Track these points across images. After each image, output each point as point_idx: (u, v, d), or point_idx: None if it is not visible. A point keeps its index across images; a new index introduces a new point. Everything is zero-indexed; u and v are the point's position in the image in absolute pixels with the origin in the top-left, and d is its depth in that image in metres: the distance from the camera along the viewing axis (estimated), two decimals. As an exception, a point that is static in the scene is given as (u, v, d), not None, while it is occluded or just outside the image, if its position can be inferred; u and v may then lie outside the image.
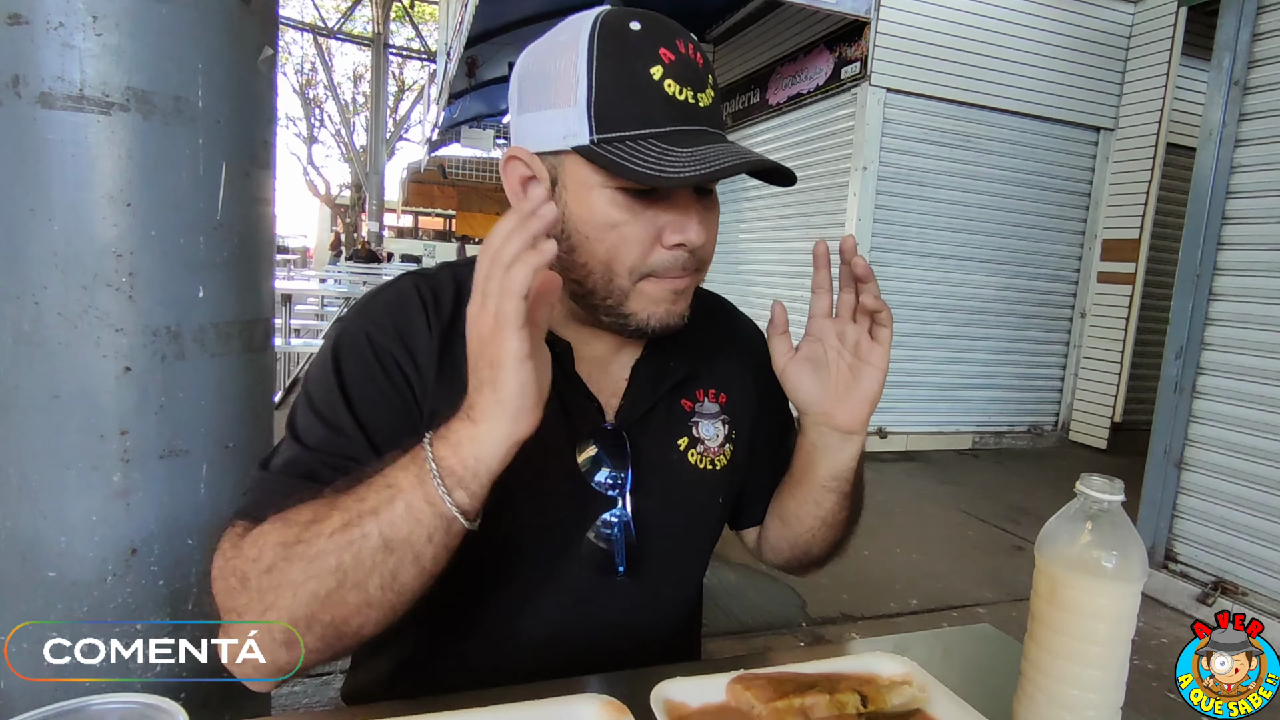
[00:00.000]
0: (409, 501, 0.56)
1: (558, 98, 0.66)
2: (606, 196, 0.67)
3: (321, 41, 19.18)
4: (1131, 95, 5.44)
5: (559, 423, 0.74)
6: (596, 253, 0.68)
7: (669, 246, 0.68)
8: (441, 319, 0.73)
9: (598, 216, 0.67)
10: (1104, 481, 0.60)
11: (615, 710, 0.59)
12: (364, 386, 0.69)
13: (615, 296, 0.70)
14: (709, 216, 0.71)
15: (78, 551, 1.06)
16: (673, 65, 0.64)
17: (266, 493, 0.65)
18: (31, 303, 1.02)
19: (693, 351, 0.83)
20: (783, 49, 6.00)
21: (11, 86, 1.00)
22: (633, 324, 0.71)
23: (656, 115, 0.64)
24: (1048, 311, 5.75)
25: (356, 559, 0.56)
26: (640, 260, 0.68)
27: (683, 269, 0.70)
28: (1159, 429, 3.13)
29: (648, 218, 0.67)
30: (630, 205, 0.67)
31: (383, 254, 15.60)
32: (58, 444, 1.04)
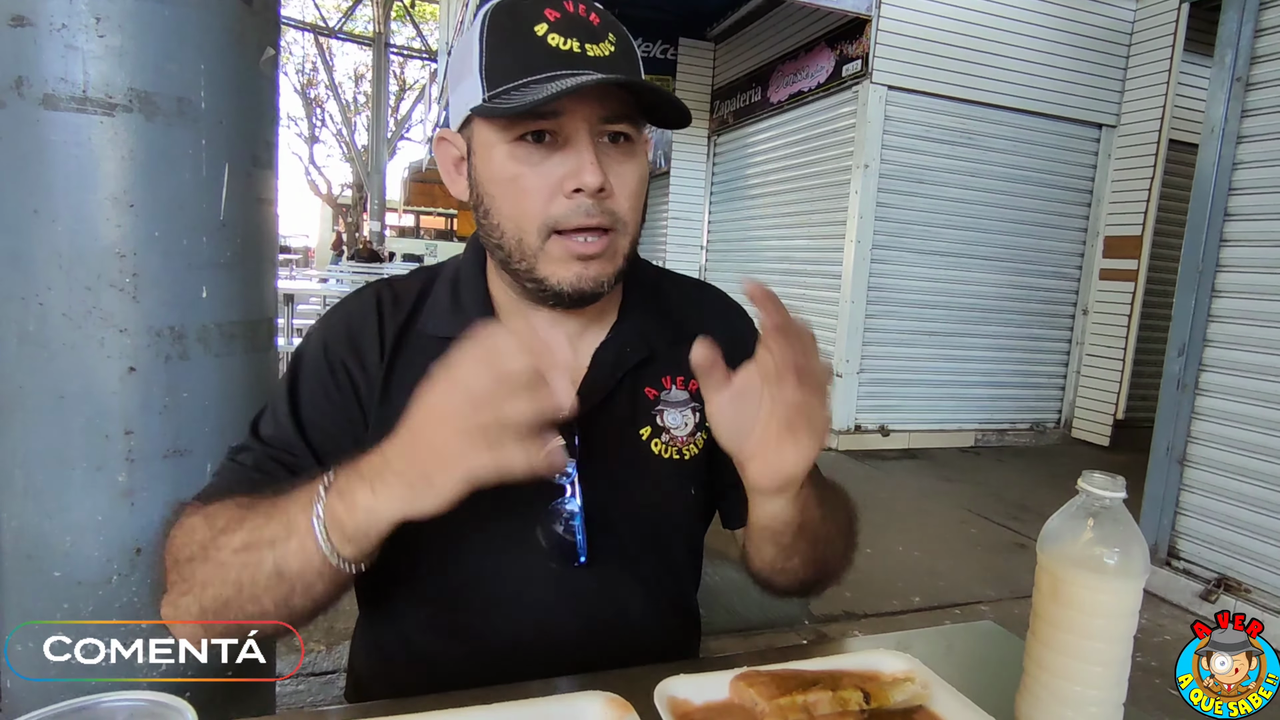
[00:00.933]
0: (302, 543, 0.58)
1: (463, 73, 0.71)
2: (505, 151, 0.68)
3: (323, 41, 19.19)
4: (1133, 92, 5.43)
5: None
6: (504, 210, 0.70)
7: (568, 195, 0.68)
8: (397, 321, 0.77)
9: (499, 173, 0.69)
10: (1105, 478, 0.60)
11: (619, 707, 0.59)
12: (314, 393, 0.75)
13: (528, 259, 0.70)
14: (617, 167, 0.69)
15: (83, 551, 1.06)
16: (558, 22, 0.67)
17: (220, 477, 0.73)
18: (36, 304, 1.02)
19: (657, 337, 0.82)
20: (784, 47, 6.00)
21: (15, 88, 1.00)
22: (549, 288, 0.71)
23: (537, 64, 0.66)
24: (1050, 309, 5.75)
25: (253, 579, 0.60)
26: (543, 212, 0.68)
27: (586, 216, 0.68)
28: (1161, 426, 3.13)
29: (546, 168, 0.68)
30: (527, 157, 0.68)
31: (384, 253, 15.60)
32: (62, 444, 1.05)
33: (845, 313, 5.17)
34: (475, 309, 0.77)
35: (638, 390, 0.80)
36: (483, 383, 0.52)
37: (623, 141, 0.71)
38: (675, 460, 0.81)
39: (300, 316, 6.85)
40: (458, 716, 0.58)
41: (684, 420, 0.81)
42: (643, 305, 0.83)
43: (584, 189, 0.67)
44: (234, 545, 0.60)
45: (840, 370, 5.22)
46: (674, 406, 0.81)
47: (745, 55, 6.64)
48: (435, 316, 0.78)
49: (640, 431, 0.80)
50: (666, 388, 0.82)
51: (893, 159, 5.09)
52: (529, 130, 0.67)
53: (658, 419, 0.80)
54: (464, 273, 0.81)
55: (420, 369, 0.72)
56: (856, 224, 5.06)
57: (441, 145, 0.76)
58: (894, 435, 5.38)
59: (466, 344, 0.53)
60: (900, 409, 5.44)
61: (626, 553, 0.79)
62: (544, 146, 0.68)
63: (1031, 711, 0.64)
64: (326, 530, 0.57)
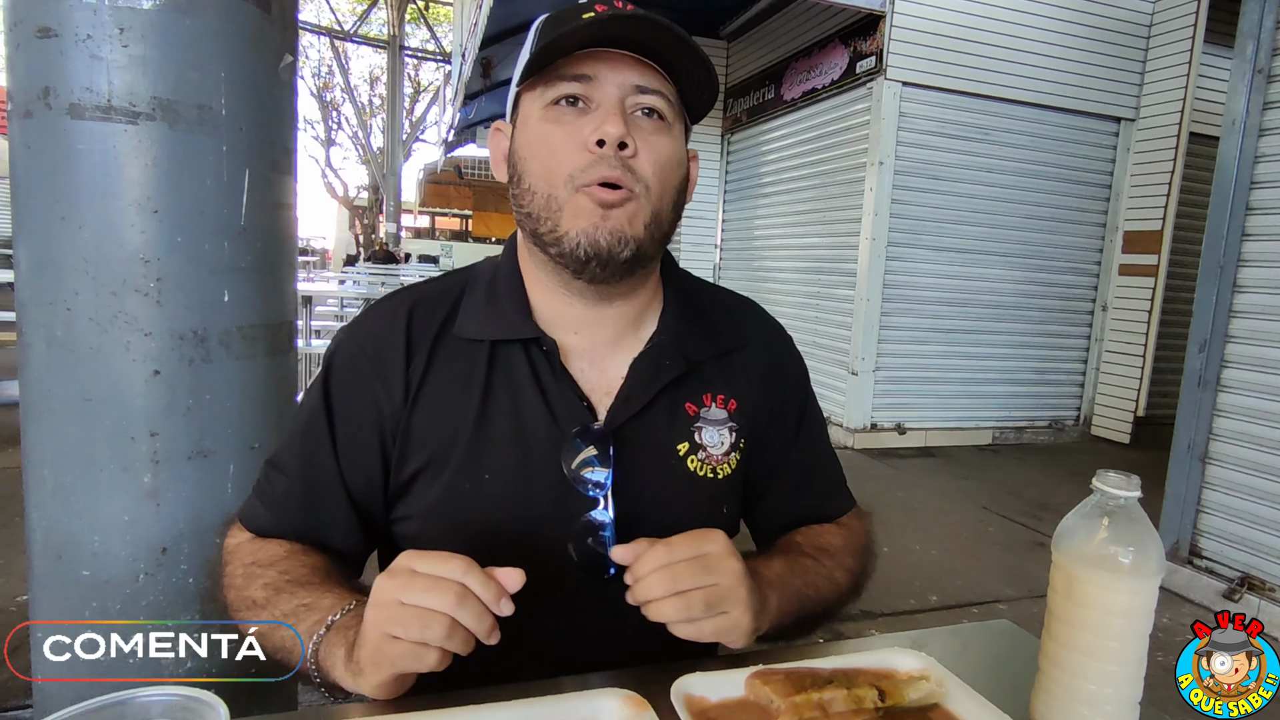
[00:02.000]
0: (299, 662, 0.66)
1: (519, 62, 0.73)
2: (539, 114, 0.71)
3: (338, 44, 19.34)
4: (1153, 85, 5.36)
5: (543, 420, 0.75)
6: (534, 170, 0.72)
7: (591, 148, 0.69)
8: (429, 329, 0.77)
9: (533, 135, 0.72)
10: (1120, 477, 0.60)
11: (636, 704, 0.60)
12: (345, 408, 0.76)
13: (553, 215, 0.71)
14: (646, 135, 0.71)
15: (111, 551, 1.09)
16: (605, 11, 0.69)
17: (258, 502, 0.78)
18: (64, 309, 1.04)
19: (698, 350, 0.81)
20: (797, 44, 5.98)
21: (42, 98, 1.02)
22: (567, 245, 0.70)
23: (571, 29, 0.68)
24: (1068, 305, 5.69)
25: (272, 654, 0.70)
26: (571, 165, 0.69)
27: (609, 169, 0.68)
28: (1182, 423, 3.09)
29: (575, 126, 0.70)
30: (559, 117, 0.70)
31: (400, 254, 15.71)
32: (90, 446, 1.07)
33: (860, 310, 5.15)
34: (513, 311, 0.77)
35: (677, 405, 0.79)
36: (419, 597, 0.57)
37: (655, 117, 0.72)
38: (710, 479, 0.80)
39: (318, 318, 6.92)
40: (478, 713, 0.59)
41: (721, 439, 0.81)
42: (682, 316, 0.82)
43: (606, 140, 0.68)
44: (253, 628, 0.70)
45: (856, 368, 5.20)
46: (713, 424, 0.81)
47: (758, 53, 6.63)
48: (470, 319, 0.78)
49: (678, 447, 0.79)
50: (707, 405, 0.81)
51: (908, 155, 5.06)
52: (563, 95, 0.70)
53: (696, 435, 0.80)
54: (501, 274, 0.80)
55: (455, 374, 0.75)
56: (871, 221, 5.03)
57: (495, 136, 0.79)
58: (910, 434, 5.35)
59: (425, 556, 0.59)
60: (916, 407, 5.41)
61: None
62: (576, 109, 0.70)
63: (1047, 710, 0.64)
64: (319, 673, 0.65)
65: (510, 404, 0.75)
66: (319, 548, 0.76)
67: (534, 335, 0.76)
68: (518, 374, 0.76)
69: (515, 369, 0.76)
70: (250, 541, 0.77)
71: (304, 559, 0.74)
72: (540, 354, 0.76)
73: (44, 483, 1.09)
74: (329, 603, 0.67)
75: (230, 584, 0.74)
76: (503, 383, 0.75)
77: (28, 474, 1.11)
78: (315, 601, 0.68)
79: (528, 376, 0.75)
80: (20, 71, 1.05)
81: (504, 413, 0.75)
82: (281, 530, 0.76)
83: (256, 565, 0.73)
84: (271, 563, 0.73)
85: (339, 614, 0.65)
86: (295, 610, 0.68)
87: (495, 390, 0.75)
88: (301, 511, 0.76)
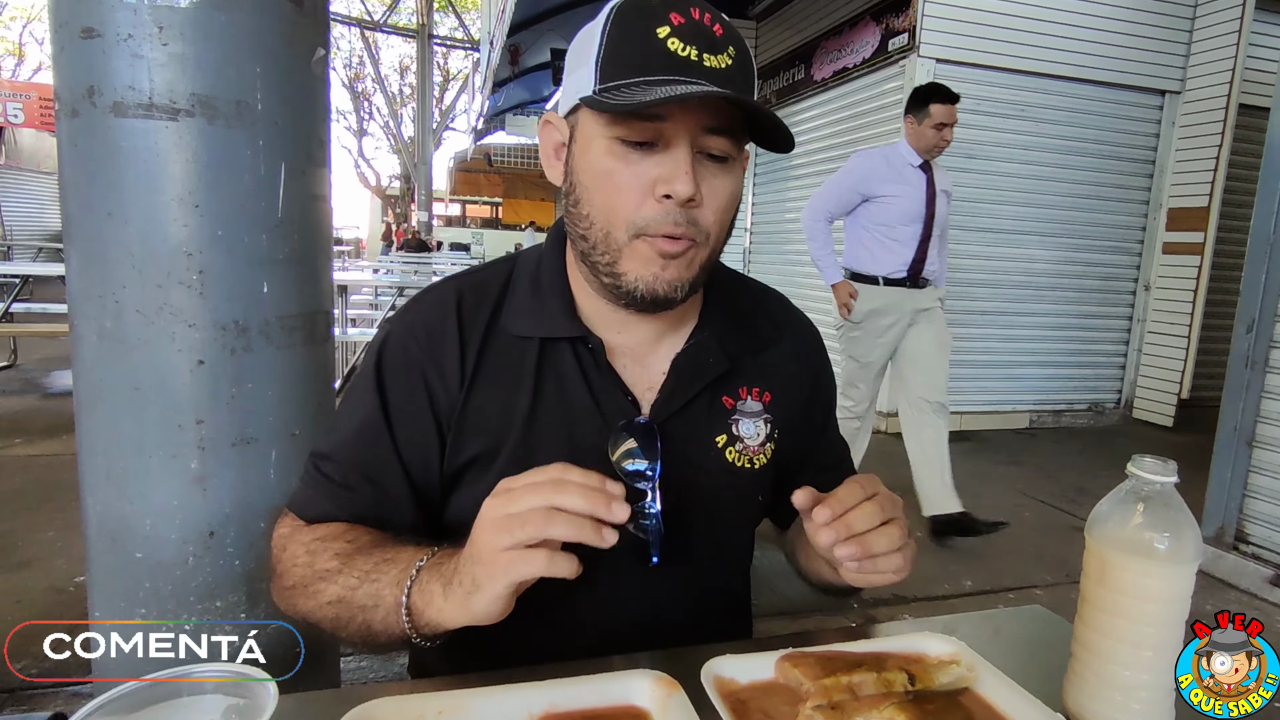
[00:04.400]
0: (386, 616, 0.65)
1: (580, 61, 0.71)
2: (604, 146, 0.69)
3: (368, 35, 19.49)
4: (1200, 55, 5.16)
5: (591, 416, 0.76)
6: (595, 202, 0.71)
7: (658, 199, 0.68)
8: (479, 321, 0.78)
9: (596, 165, 0.70)
10: (1156, 462, 0.59)
11: (667, 685, 0.61)
12: (399, 398, 0.77)
13: (612, 253, 0.71)
14: (711, 179, 0.70)
15: (161, 534, 1.13)
16: (681, 27, 0.66)
17: (312, 490, 0.78)
18: (113, 301, 1.08)
19: (737, 347, 0.83)
20: (827, 23, 5.87)
21: (88, 97, 1.06)
22: (624, 285, 0.71)
23: (653, 65, 0.65)
24: (1109, 285, 5.54)
25: (345, 625, 0.68)
26: (634, 211, 0.69)
27: (674, 225, 0.68)
28: (1229, 405, 3.01)
29: (641, 168, 0.68)
30: (625, 154, 0.68)
31: (433, 243, 15.86)
32: (140, 434, 1.11)
33: (893, 293, 5.07)
34: (559, 309, 0.78)
35: (715, 399, 0.81)
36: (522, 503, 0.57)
37: (719, 160, 0.71)
38: (748, 469, 0.82)
39: (354, 307, 7.03)
40: (511, 692, 0.61)
41: (757, 430, 0.83)
42: (722, 312, 0.84)
43: (674, 196, 0.67)
44: (328, 596, 0.68)
45: (888, 352, 5.13)
46: (749, 417, 0.83)
47: (788, 33, 6.53)
48: (518, 315, 0.78)
49: (716, 439, 0.81)
50: (743, 398, 0.83)
51: (942, 134, 4.95)
52: (632, 140, 0.68)
53: (733, 428, 0.82)
54: (545, 269, 0.81)
55: (505, 368, 0.77)
56: (904, 202, 4.94)
57: (546, 128, 0.77)
58: (945, 417, 5.28)
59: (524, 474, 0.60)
60: (952, 390, 5.29)
61: (694, 554, 0.81)
62: (643, 148, 0.68)
63: (1079, 696, 0.64)
64: (410, 616, 0.64)
65: (559, 400, 0.77)
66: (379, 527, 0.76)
67: (580, 334, 0.77)
68: (566, 371, 0.77)
69: (563, 366, 0.77)
70: (307, 526, 0.77)
71: (367, 531, 0.74)
72: (586, 351, 0.78)
73: (98, 469, 1.13)
74: (409, 553, 0.67)
75: (293, 564, 0.73)
76: (552, 379, 0.77)
77: (82, 460, 1.15)
78: (395, 556, 0.68)
79: (575, 373, 0.77)
80: (66, 72, 1.08)
81: (553, 408, 0.76)
82: (340, 513, 0.76)
83: (321, 540, 0.73)
84: (337, 535, 0.73)
85: (424, 559, 0.65)
86: (376, 566, 0.67)
87: (545, 386, 0.77)
88: (360, 493, 0.76)
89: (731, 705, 0.60)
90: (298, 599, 0.72)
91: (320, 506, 0.77)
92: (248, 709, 0.50)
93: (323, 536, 0.74)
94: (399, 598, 0.64)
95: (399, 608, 0.64)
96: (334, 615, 0.68)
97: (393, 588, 0.65)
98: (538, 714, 0.59)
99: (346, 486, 0.76)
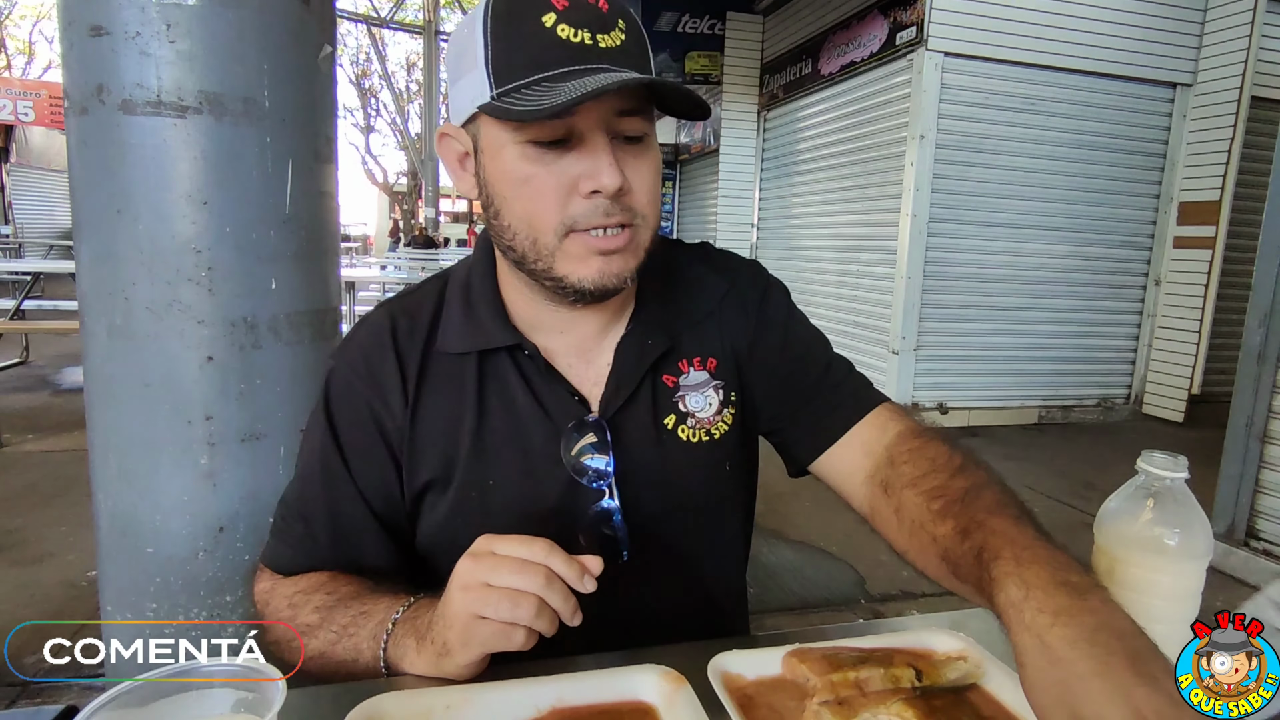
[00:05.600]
0: (367, 667, 0.67)
1: (466, 65, 0.67)
2: (516, 152, 0.66)
3: (375, 31, 19.50)
4: (1212, 47, 5.11)
5: (541, 422, 0.75)
6: (516, 211, 0.68)
7: (585, 195, 0.65)
8: (415, 347, 0.77)
9: (510, 173, 0.67)
10: (1166, 458, 0.59)
11: (674, 680, 0.61)
12: (351, 435, 0.76)
13: (544, 259, 0.68)
14: (633, 162, 0.67)
15: (172, 529, 1.14)
16: (566, 10, 0.63)
17: (281, 544, 0.78)
18: (122, 298, 1.09)
19: (673, 321, 0.81)
20: (834, 17, 5.84)
21: (96, 95, 1.06)
22: (569, 285, 0.69)
23: (549, 60, 0.63)
24: (1119, 280, 5.50)
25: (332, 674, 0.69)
26: (559, 212, 0.66)
27: (605, 216, 0.66)
28: (1240, 401, 2.99)
29: (559, 168, 0.65)
30: (540, 157, 0.65)
31: (440, 239, 15.88)
32: (150, 430, 1.12)
33: (901, 288, 5.06)
34: (490, 320, 0.76)
35: (657, 380, 0.79)
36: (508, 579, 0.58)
37: (637, 140, 0.68)
38: (705, 442, 0.80)
39: (361, 304, 7.06)
40: (518, 687, 0.61)
41: (707, 401, 0.80)
42: (659, 291, 0.81)
43: (603, 190, 0.65)
44: (311, 651, 0.70)
45: (896, 347, 5.12)
46: (694, 389, 0.80)
47: (795, 27, 6.50)
48: (452, 333, 0.77)
49: (664, 421, 0.79)
50: (685, 371, 0.80)
51: (950, 129, 4.92)
52: (543, 140, 0.65)
53: (679, 405, 0.80)
54: (475, 281, 0.79)
55: (447, 387, 0.76)
56: (912, 197, 4.92)
57: (444, 141, 0.74)
58: (953, 413, 5.26)
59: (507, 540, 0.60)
60: (959, 386, 5.31)
61: (668, 542, 0.79)
62: (557, 147, 0.65)
63: (1088, 691, 0.63)
64: (388, 669, 0.65)
65: (505, 410, 0.75)
66: (356, 573, 0.76)
67: (515, 341, 0.76)
68: (508, 380, 0.76)
69: (505, 376, 0.76)
70: (285, 580, 0.77)
71: (347, 580, 0.75)
72: (525, 358, 0.76)
73: (108, 464, 1.14)
74: (385, 605, 0.68)
75: (277, 621, 0.73)
76: (495, 391, 0.76)
77: (93, 456, 1.16)
78: (370, 609, 0.69)
79: (518, 381, 0.76)
80: (75, 70, 1.08)
81: (500, 419, 0.75)
82: (312, 563, 0.77)
83: (301, 594, 0.74)
84: (316, 588, 0.74)
85: (399, 612, 0.67)
86: (353, 620, 0.68)
87: (488, 399, 0.76)
88: (332, 543, 0.76)
89: (738, 701, 0.60)
90: (284, 653, 0.72)
91: (293, 560, 0.77)
92: (257, 703, 0.50)
93: (304, 589, 0.74)
94: (376, 653, 0.66)
95: (377, 663, 0.66)
96: (319, 668, 0.70)
97: (370, 642, 0.66)
98: (545, 709, 0.59)
99: (311, 537, 0.76)
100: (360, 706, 0.54)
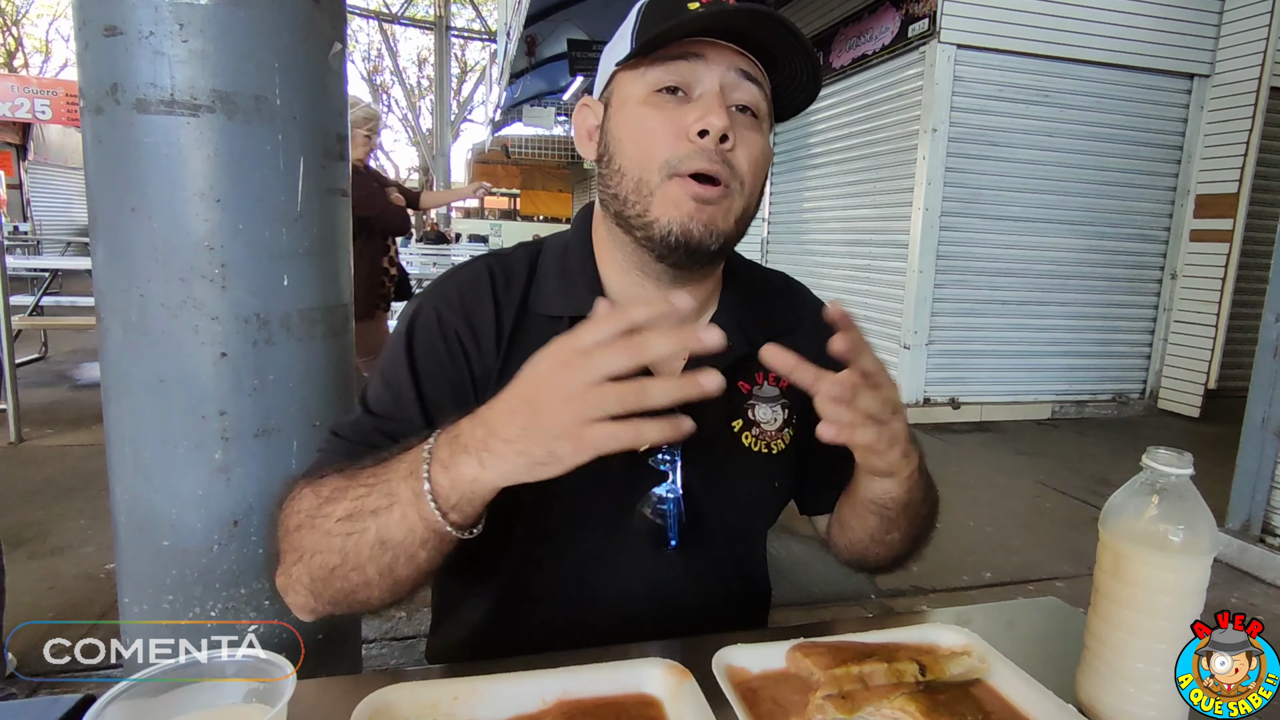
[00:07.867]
0: (405, 513, 0.58)
1: (615, 42, 0.76)
2: (639, 97, 0.72)
3: (386, 28, 19.54)
4: (1230, 37, 5.04)
5: None
6: (628, 152, 0.73)
7: (693, 138, 0.70)
8: (512, 300, 0.78)
9: (633, 121, 0.73)
10: (1171, 454, 0.59)
11: (678, 674, 0.62)
12: (429, 362, 0.75)
13: (643, 200, 0.71)
14: (742, 130, 0.72)
15: (187, 523, 1.15)
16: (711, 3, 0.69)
17: (327, 454, 0.72)
18: (137, 295, 1.10)
19: (756, 330, 0.83)
20: (845, 10, 5.80)
21: (111, 94, 1.07)
22: (657, 232, 0.71)
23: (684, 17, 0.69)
24: (1134, 273, 5.45)
25: (356, 548, 0.60)
26: (667, 151, 0.70)
27: (709, 162, 0.69)
28: (1256, 396, 2.96)
29: (677, 115, 0.70)
30: (660, 102, 0.71)
31: (451, 235, 15.93)
32: (165, 425, 1.14)
33: (912, 283, 5.03)
34: (585, 288, 0.78)
35: (733, 383, 0.81)
36: (608, 350, 0.52)
37: (749, 115, 0.74)
38: (765, 454, 0.82)
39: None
40: (525, 679, 0.62)
41: (774, 415, 0.83)
42: (740, 296, 0.84)
43: (709, 130, 0.69)
44: (338, 514, 0.62)
45: (908, 342, 5.10)
46: (765, 402, 0.83)
47: (805, 20, 6.45)
48: (547, 296, 0.78)
49: (732, 423, 0.81)
50: (759, 383, 0.83)
51: (962, 121, 4.89)
52: (665, 85, 0.71)
53: (749, 413, 0.82)
54: (572, 250, 0.81)
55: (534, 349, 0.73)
56: (924, 190, 4.89)
57: (581, 111, 0.80)
58: (965, 408, 5.24)
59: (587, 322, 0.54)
60: (972, 381, 5.28)
61: (712, 539, 0.81)
62: (677, 98, 0.71)
63: (1092, 688, 0.64)
64: (435, 500, 0.57)
65: None
66: None
67: None
68: None
69: None
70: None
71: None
72: None
73: (125, 459, 1.16)
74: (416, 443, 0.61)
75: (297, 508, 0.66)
76: None
77: (110, 450, 1.18)
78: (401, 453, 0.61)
79: None
80: (90, 69, 1.10)
81: None
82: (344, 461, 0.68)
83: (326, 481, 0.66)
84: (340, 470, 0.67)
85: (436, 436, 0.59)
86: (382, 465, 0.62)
87: None
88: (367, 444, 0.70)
89: (743, 694, 0.61)
90: (304, 538, 0.64)
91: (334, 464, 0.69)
92: (268, 693, 0.51)
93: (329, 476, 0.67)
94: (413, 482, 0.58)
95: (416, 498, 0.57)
96: (345, 534, 0.61)
97: (406, 479, 0.58)
98: (551, 701, 0.60)
99: (366, 442, 0.71)
100: (368, 698, 0.55)
